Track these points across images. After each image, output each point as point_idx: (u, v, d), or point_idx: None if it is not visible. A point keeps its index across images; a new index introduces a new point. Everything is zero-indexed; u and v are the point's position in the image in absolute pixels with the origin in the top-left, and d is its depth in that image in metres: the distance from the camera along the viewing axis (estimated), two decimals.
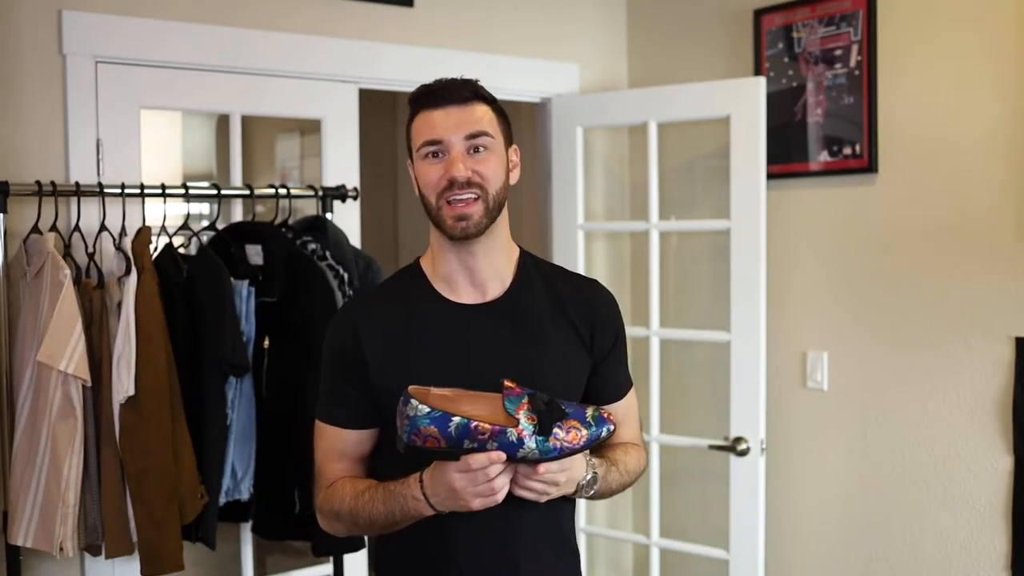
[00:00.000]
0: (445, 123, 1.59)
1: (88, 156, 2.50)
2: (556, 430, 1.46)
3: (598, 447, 1.60)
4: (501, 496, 1.48)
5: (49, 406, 2.21)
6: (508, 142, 1.68)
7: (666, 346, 3.19)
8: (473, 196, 1.58)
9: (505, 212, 1.68)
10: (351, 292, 2.62)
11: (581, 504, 3.23)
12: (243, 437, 2.54)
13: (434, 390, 1.48)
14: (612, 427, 1.51)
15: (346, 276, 2.61)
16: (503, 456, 1.44)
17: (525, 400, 1.47)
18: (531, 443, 1.45)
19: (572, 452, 1.48)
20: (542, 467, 1.47)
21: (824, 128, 2.92)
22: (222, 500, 2.50)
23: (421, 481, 1.53)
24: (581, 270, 3.22)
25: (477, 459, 1.44)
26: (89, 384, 2.24)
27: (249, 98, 2.79)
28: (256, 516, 2.64)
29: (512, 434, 1.44)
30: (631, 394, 1.80)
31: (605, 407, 1.61)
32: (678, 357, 3.28)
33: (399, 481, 1.57)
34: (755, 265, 2.89)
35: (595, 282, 1.79)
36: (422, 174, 1.61)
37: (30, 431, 2.24)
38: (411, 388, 1.47)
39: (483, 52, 3.13)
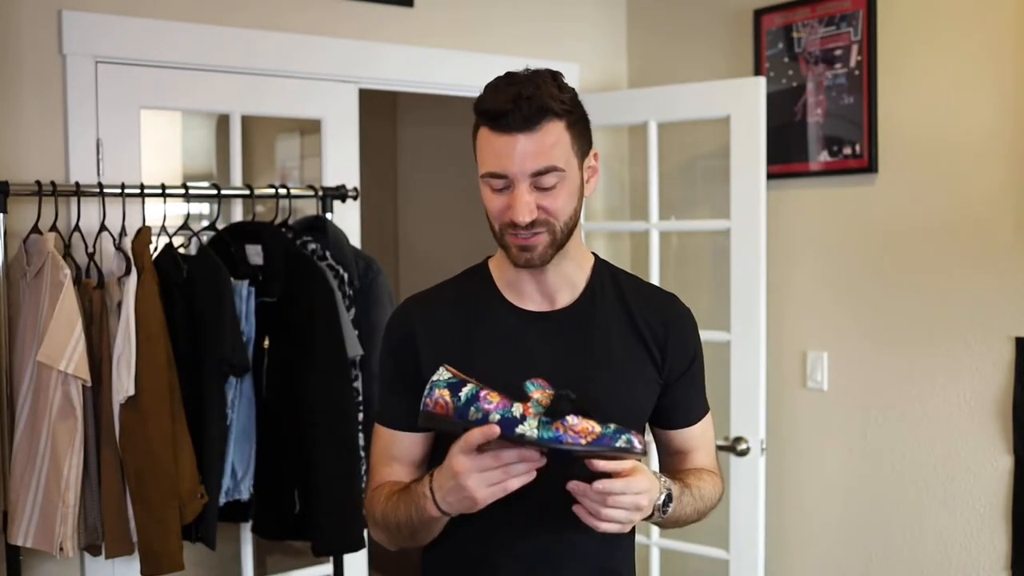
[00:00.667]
0: (510, 154, 1.43)
1: (88, 156, 2.50)
2: (571, 419, 1.34)
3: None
4: (514, 485, 1.35)
5: (49, 406, 2.21)
6: (584, 153, 1.52)
7: None
8: (538, 232, 1.46)
9: (578, 221, 1.57)
10: (351, 292, 2.62)
11: None
12: (243, 437, 2.54)
13: (471, 380, 1.41)
14: (639, 446, 1.35)
15: (346, 276, 2.61)
16: (497, 430, 1.33)
17: (550, 390, 1.37)
18: (532, 421, 1.34)
19: (576, 448, 1.34)
20: (599, 464, 1.35)
21: (824, 128, 2.92)
22: (222, 500, 2.50)
23: (431, 476, 1.44)
24: None
25: (472, 434, 1.34)
26: (89, 384, 2.24)
27: (249, 98, 2.79)
28: (256, 516, 2.64)
29: (517, 408, 1.35)
30: (706, 421, 1.69)
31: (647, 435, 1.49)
32: None
33: (421, 478, 1.48)
34: (755, 265, 2.89)
35: (673, 297, 1.67)
36: (486, 199, 1.49)
37: (30, 431, 2.24)
38: (447, 366, 1.41)
39: (483, 52, 3.13)
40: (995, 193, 2.58)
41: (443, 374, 1.39)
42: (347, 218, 2.89)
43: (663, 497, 1.47)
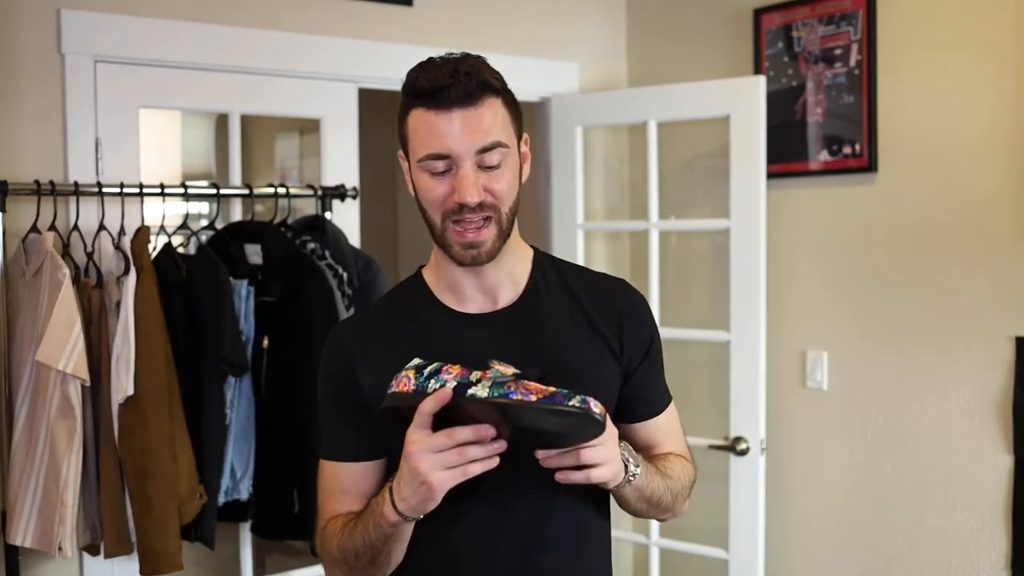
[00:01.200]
0: (451, 132, 1.34)
1: (87, 155, 2.50)
2: (523, 381, 1.27)
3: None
4: (474, 470, 1.26)
5: (48, 406, 2.20)
6: (519, 135, 1.44)
7: (666, 346, 3.13)
8: (485, 219, 1.37)
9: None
10: (350, 291, 2.62)
11: None
12: (242, 437, 2.54)
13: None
14: (596, 409, 1.25)
15: (345, 276, 2.61)
16: (449, 393, 1.25)
17: (513, 367, 1.29)
18: (486, 383, 1.25)
19: (526, 403, 1.24)
20: (543, 453, 1.26)
21: (824, 127, 2.92)
22: (221, 500, 2.50)
23: (394, 477, 1.35)
24: None
25: (425, 402, 1.25)
26: (88, 384, 2.23)
27: (248, 97, 2.78)
28: (255, 516, 2.63)
29: (475, 375, 1.27)
30: (671, 410, 1.60)
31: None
32: (678, 357, 3.27)
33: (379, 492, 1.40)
34: (755, 265, 2.89)
35: (622, 282, 1.58)
36: (424, 188, 1.39)
37: (29, 431, 2.24)
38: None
39: (482, 52, 3.07)
40: (995, 192, 2.58)
41: (414, 360, 1.33)
42: (346, 217, 2.89)
43: (627, 458, 1.39)
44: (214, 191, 2.64)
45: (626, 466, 1.38)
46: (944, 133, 2.67)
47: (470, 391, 1.26)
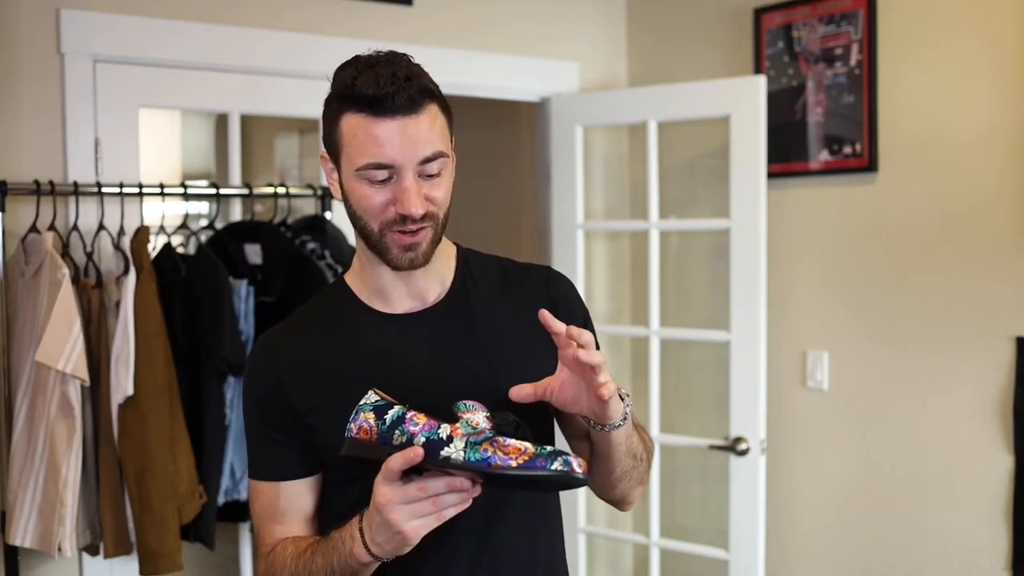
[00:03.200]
0: (395, 142, 1.30)
1: (86, 155, 2.50)
2: (500, 439, 1.22)
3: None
4: (448, 515, 1.22)
5: (47, 406, 2.20)
6: (452, 138, 1.40)
7: (666, 346, 3.18)
8: (423, 227, 1.34)
9: None
10: None
11: (581, 504, 3.23)
12: (242, 437, 2.53)
13: (398, 403, 1.28)
14: (579, 469, 1.20)
15: None
16: (420, 453, 1.20)
17: (485, 412, 1.24)
18: (459, 443, 1.21)
19: (505, 470, 1.20)
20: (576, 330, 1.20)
21: (824, 127, 2.91)
22: (221, 500, 2.50)
23: (361, 515, 1.28)
24: (581, 270, 3.22)
25: (393, 460, 1.20)
26: (87, 384, 2.23)
27: (248, 97, 2.78)
28: None
29: (444, 430, 1.22)
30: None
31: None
32: (678, 357, 3.27)
33: (342, 525, 1.32)
34: (755, 265, 2.88)
35: (548, 269, 1.55)
36: (360, 196, 1.34)
37: (28, 431, 2.23)
38: (376, 389, 1.29)
39: (482, 51, 3.12)
40: (995, 192, 2.58)
41: (371, 397, 1.27)
42: (346, 218, 2.88)
43: (626, 400, 1.34)
44: (214, 191, 2.64)
45: (622, 398, 1.34)
46: (944, 133, 2.67)
47: (444, 453, 1.21)
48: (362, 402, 1.27)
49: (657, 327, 3.12)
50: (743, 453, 2.91)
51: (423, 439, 1.22)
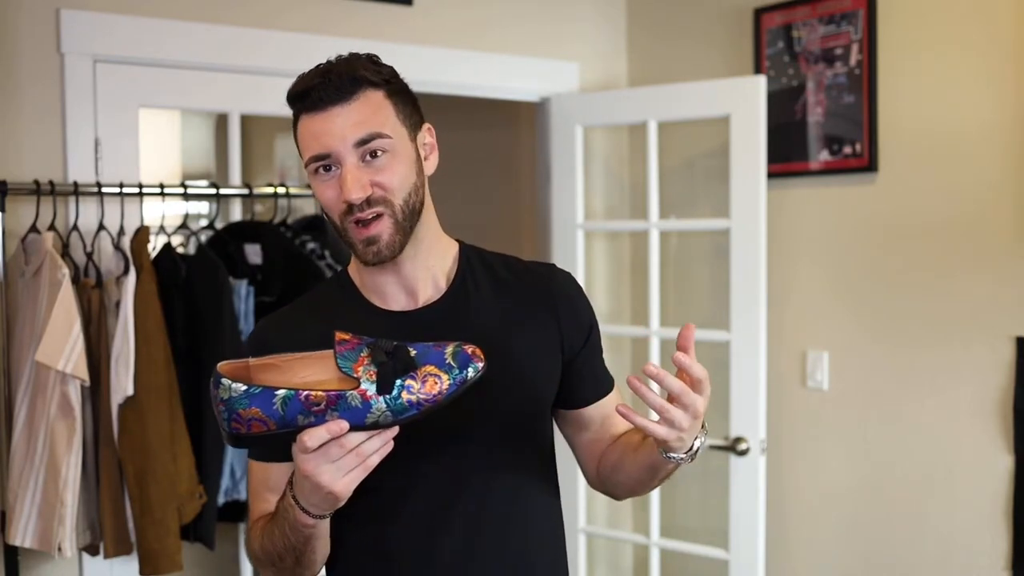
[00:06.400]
0: (329, 130, 1.32)
1: (86, 155, 2.50)
2: (410, 382, 1.20)
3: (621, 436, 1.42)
4: (374, 462, 1.21)
5: (47, 406, 2.20)
6: (415, 127, 1.41)
7: (666, 346, 3.18)
8: (376, 214, 1.34)
9: (430, 206, 1.45)
10: None
11: (580, 504, 3.23)
12: None
13: (252, 361, 1.24)
14: (481, 364, 1.23)
15: None
16: (345, 425, 1.18)
17: (364, 353, 1.21)
18: (380, 403, 1.18)
19: (435, 405, 1.20)
20: (676, 385, 1.26)
21: (824, 127, 2.91)
22: (221, 500, 2.50)
23: (290, 485, 1.29)
24: (581, 270, 3.22)
25: (312, 434, 1.18)
26: (87, 384, 2.23)
27: (248, 97, 2.78)
28: None
29: (354, 397, 1.18)
30: (616, 392, 1.57)
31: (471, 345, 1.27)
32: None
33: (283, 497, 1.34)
34: (755, 265, 2.88)
35: (553, 267, 1.55)
36: (318, 192, 1.37)
37: (28, 431, 2.23)
38: (222, 365, 1.23)
39: (482, 51, 3.12)
40: (995, 192, 2.58)
41: (235, 388, 1.20)
42: None
43: (703, 437, 1.36)
44: (214, 191, 2.64)
45: (696, 439, 1.37)
46: (944, 133, 2.67)
47: (369, 419, 1.19)
48: (225, 396, 1.20)
49: (657, 327, 3.12)
50: (743, 453, 2.91)
51: (336, 415, 1.18)
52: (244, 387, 1.20)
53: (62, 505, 2.18)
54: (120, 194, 2.43)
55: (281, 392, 1.19)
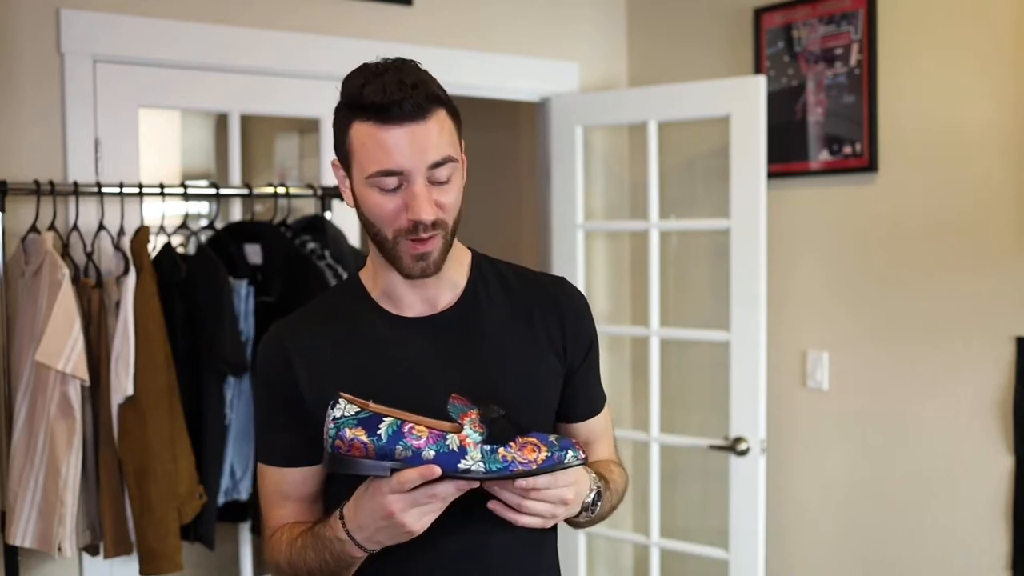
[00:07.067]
0: (403, 149, 1.31)
1: (86, 155, 2.49)
2: (511, 445, 1.25)
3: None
4: (448, 502, 1.27)
5: (47, 406, 2.20)
6: (461, 143, 1.42)
7: (666, 346, 3.18)
8: (434, 234, 1.35)
9: None
10: None
11: None
12: (242, 437, 2.53)
13: (373, 405, 1.28)
14: (582, 455, 1.29)
15: (345, 276, 2.60)
16: (437, 471, 1.22)
17: (474, 411, 1.26)
18: (475, 453, 1.23)
19: (526, 472, 1.25)
20: (521, 483, 1.25)
21: (824, 127, 2.91)
22: (221, 500, 2.50)
23: (342, 518, 1.32)
24: (581, 270, 3.22)
25: (408, 476, 1.22)
26: (87, 384, 2.23)
27: (248, 97, 2.78)
28: (255, 516, 2.63)
29: (453, 440, 1.23)
30: (607, 410, 1.60)
31: (576, 426, 1.40)
32: (678, 357, 3.27)
33: (325, 521, 1.37)
34: (755, 265, 2.88)
35: (563, 280, 1.56)
36: (373, 204, 1.35)
37: (28, 431, 2.23)
38: (344, 394, 1.28)
39: (482, 51, 3.12)
40: (996, 192, 2.58)
41: (348, 408, 1.26)
42: (346, 218, 2.89)
43: (593, 494, 1.39)
44: (214, 191, 2.64)
45: (593, 498, 1.40)
46: (945, 133, 2.67)
47: (462, 465, 1.24)
48: (338, 415, 1.26)
49: (657, 327, 3.12)
50: (743, 453, 2.91)
51: (432, 453, 1.23)
52: (357, 410, 1.25)
53: (62, 505, 2.18)
54: (120, 194, 2.42)
55: (388, 420, 1.24)
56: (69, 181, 2.43)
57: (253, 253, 2.60)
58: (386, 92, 1.30)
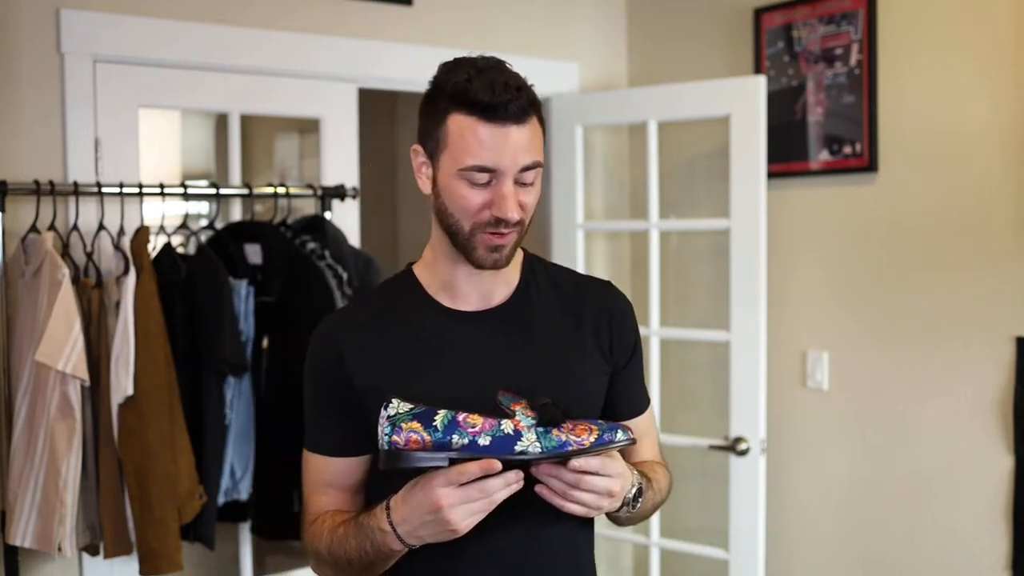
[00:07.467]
0: (501, 148, 1.35)
1: (86, 155, 2.49)
2: (563, 426, 1.29)
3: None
4: (495, 503, 1.30)
5: (47, 406, 2.20)
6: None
7: (666, 346, 3.18)
8: (512, 230, 1.40)
9: None
10: (350, 291, 2.62)
11: None
12: (242, 437, 2.53)
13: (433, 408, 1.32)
14: (631, 436, 1.32)
15: (345, 276, 2.60)
16: (498, 465, 1.26)
17: (522, 400, 1.31)
18: (530, 434, 1.27)
19: (581, 451, 1.28)
20: (577, 462, 1.28)
21: (824, 127, 2.91)
22: (221, 500, 2.50)
23: (388, 508, 1.35)
24: (581, 270, 3.22)
25: (467, 468, 1.25)
26: (87, 384, 2.23)
27: (248, 97, 2.78)
28: (255, 516, 2.63)
29: (507, 425, 1.27)
30: (650, 410, 1.64)
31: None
32: (678, 357, 3.27)
33: (369, 511, 1.40)
34: (755, 265, 2.88)
35: (609, 284, 1.61)
36: (459, 196, 1.38)
37: (28, 431, 2.23)
38: (397, 397, 1.32)
39: (482, 51, 3.10)
40: (996, 192, 2.58)
41: (400, 406, 1.30)
42: (346, 217, 2.89)
43: (634, 490, 1.41)
44: (214, 191, 2.64)
45: (635, 492, 1.42)
46: (945, 133, 2.67)
47: (518, 447, 1.27)
48: (391, 413, 1.29)
49: (657, 327, 3.12)
50: (743, 453, 2.91)
51: (488, 439, 1.27)
52: (410, 406, 1.29)
53: (62, 505, 2.18)
54: (120, 194, 2.42)
55: (441, 412, 1.28)
56: (69, 181, 2.43)
57: (253, 253, 2.60)
58: (494, 91, 1.35)
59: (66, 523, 2.18)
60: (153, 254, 2.44)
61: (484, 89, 1.35)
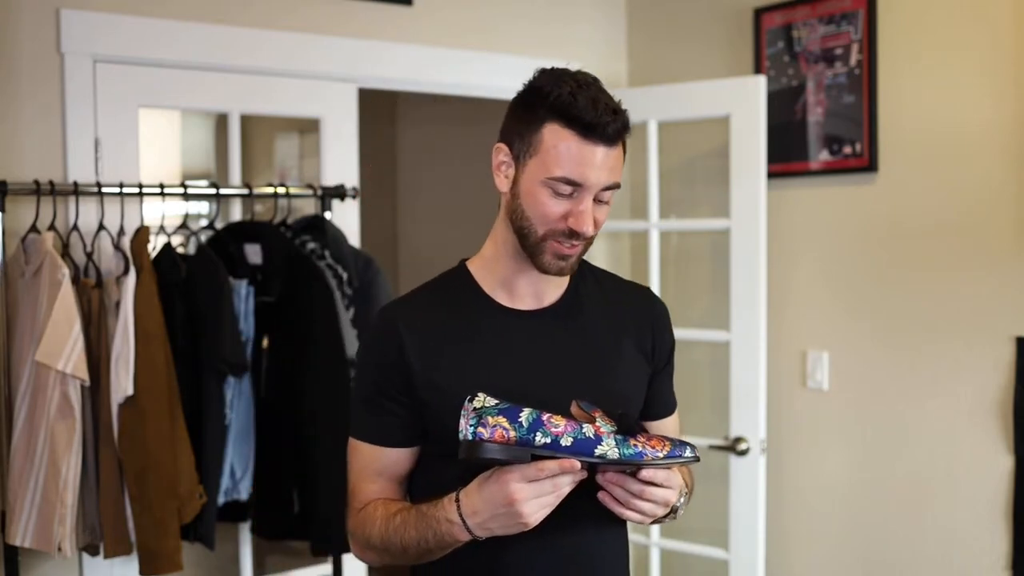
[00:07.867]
0: (590, 165, 1.42)
1: (86, 155, 2.49)
2: (640, 437, 1.36)
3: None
4: (563, 494, 1.35)
5: (47, 406, 2.20)
6: None
7: None
8: (583, 243, 1.48)
9: None
10: (350, 292, 2.62)
11: None
12: (242, 437, 2.53)
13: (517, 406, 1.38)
14: (696, 454, 1.38)
15: (345, 276, 2.60)
16: (578, 465, 1.32)
17: (599, 409, 1.37)
18: (610, 440, 1.33)
19: (655, 462, 1.34)
20: (647, 472, 1.34)
21: (824, 127, 2.91)
22: (221, 500, 2.50)
23: (457, 500, 1.38)
24: None
25: (547, 465, 1.31)
26: (87, 384, 2.23)
27: (248, 97, 2.78)
28: (255, 516, 2.63)
29: (588, 429, 1.33)
30: (677, 415, 1.70)
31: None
32: (678, 357, 3.24)
33: (433, 502, 1.42)
34: (755, 265, 2.88)
35: (649, 291, 1.69)
36: (539, 202, 1.44)
37: (28, 431, 2.23)
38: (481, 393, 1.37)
39: (482, 51, 3.12)
40: (996, 192, 2.58)
41: (487, 400, 1.34)
42: (346, 217, 2.89)
43: (682, 499, 1.47)
44: (214, 191, 2.64)
45: (683, 501, 1.48)
46: (945, 133, 2.67)
47: (598, 451, 1.33)
48: (477, 405, 1.33)
49: None
50: (743, 453, 2.91)
51: (570, 440, 1.32)
52: (496, 400, 1.34)
53: (62, 505, 2.18)
54: (120, 194, 2.42)
55: (527, 410, 1.33)
56: (69, 181, 2.43)
57: (253, 253, 2.60)
58: (597, 111, 1.40)
59: (66, 523, 2.19)
60: (153, 254, 2.44)
61: (588, 107, 1.40)
